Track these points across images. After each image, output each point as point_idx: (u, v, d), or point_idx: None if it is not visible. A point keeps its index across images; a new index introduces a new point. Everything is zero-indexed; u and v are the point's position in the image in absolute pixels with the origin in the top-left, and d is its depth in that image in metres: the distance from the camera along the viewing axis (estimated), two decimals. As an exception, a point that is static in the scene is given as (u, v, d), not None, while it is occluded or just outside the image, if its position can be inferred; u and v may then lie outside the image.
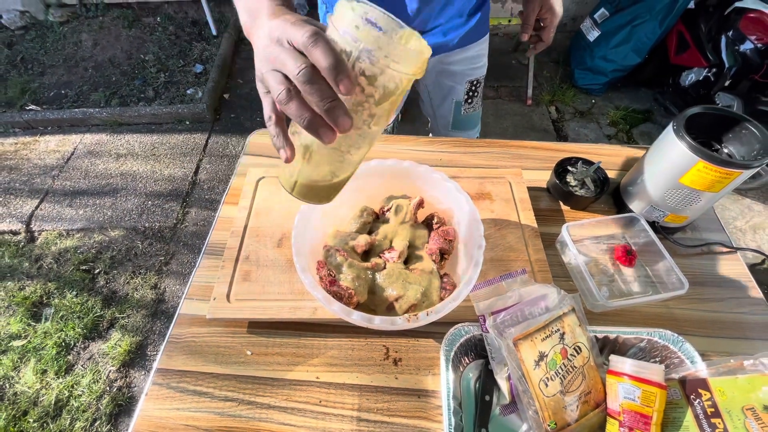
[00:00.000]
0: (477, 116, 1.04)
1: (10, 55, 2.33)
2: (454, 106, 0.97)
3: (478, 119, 1.05)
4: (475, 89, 0.96)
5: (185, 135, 2.02)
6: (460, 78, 0.92)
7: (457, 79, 0.92)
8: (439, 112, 1.01)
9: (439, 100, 0.98)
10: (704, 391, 0.44)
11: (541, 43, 0.77)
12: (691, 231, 0.69)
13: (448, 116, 1.00)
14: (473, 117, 1.02)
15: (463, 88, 0.94)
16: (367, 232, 0.58)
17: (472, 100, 0.97)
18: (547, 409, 0.45)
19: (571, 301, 0.49)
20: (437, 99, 0.98)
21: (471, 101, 0.97)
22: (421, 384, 0.53)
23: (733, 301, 0.60)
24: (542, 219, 0.67)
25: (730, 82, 1.67)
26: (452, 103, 0.97)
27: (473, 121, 1.03)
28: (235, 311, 0.55)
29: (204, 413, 0.50)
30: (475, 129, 1.07)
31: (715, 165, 0.53)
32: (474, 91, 0.96)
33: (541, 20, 0.75)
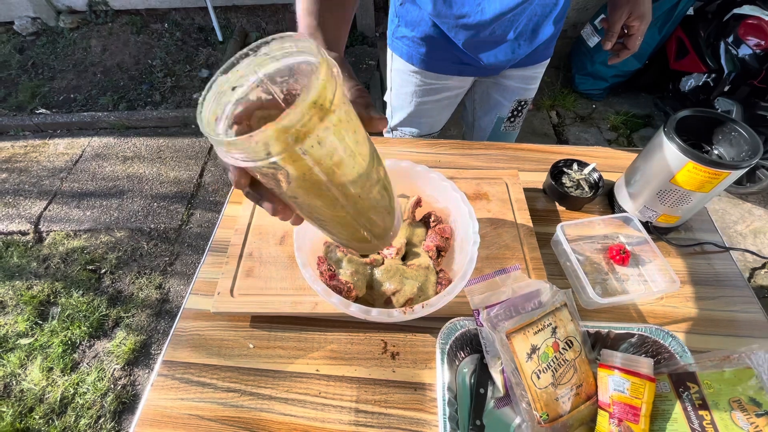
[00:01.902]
0: (514, 135, 1.02)
1: (21, 60, 2.39)
2: (496, 121, 0.96)
3: (514, 138, 1.03)
4: (522, 109, 0.95)
5: (191, 138, 2.05)
6: (510, 95, 0.91)
7: (507, 96, 0.91)
8: (479, 123, 1.00)
9: (483, 112, 0.97)
10: (692, 384, 0.45)
11: (625, 51, 0.70)
12: (685, 231, 0.70)
13: (487, 129, 0.98)
14: (511, 135, 1.01)
15: (510, 105, 0.92)
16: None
17: (516, 119, 0.96)
18: (540, 400, 0.46)
19: (564, 296, 0.51)
20: (481, 111, 0.97)
21: (514, 120, 0.96)
22: (418, 377, 0.54)
23: (725, 299, 0.62)
24: (538, 219, 0.69)
25: (730, 87, 1.68)
26: (495, 117, 0.96)
27: (510, 139, 1.02)
28: (238, 305, 0.57)
29: (207, 403, 0.52)
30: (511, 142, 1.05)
31: (704, 165, 0.55)
32: (520, 111, 0.95)
33: (627, 27, 0.68)
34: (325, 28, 0.43)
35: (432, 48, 0.79)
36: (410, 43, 0.81)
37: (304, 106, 0.23)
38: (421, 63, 0.82)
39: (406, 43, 0.81)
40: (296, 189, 0.28)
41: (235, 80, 0.28)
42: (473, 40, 0.73)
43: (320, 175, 0.27)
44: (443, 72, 0.84)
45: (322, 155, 0.26)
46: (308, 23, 0.43)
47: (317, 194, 0.29)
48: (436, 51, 0.79)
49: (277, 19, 2.57)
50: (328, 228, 0.35)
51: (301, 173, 0.26)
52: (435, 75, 0.84)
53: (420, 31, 0.78)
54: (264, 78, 0.29)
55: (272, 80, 0.29)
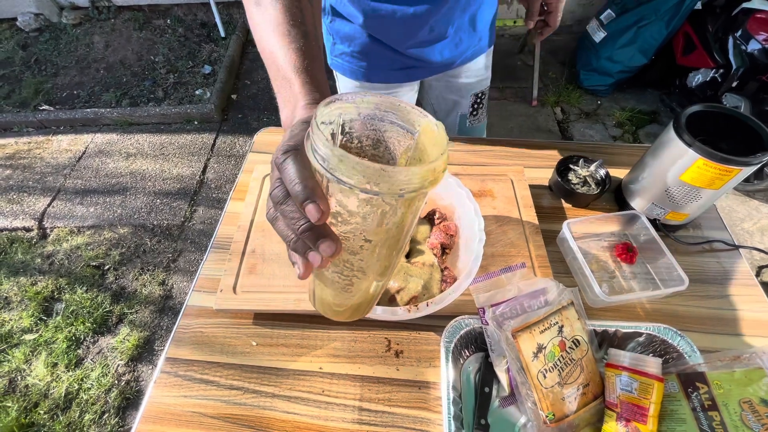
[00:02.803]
0: (482, 127, 1.02)
1: (24, 56, 2.39)
2: (459, 119, 0.96)
3: (484, 129, 1.04)
4: (481, 101, 0.94)
5: (193, 135, 2.05)
6: (466, 92, 0.90)
7: (463, 93, 0.91)
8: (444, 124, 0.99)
9: (444, 114, 0.97)
10: (701, 385, 0.44)
11: (547, 28, 0.75)
12: (693, 229, 0.69)
13: (453, 129, 0.98)
14: (478, 129, 1.01)
15: (469, 101, 0.92)
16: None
17: (478, 112, 0.96)
18: (546, 400, 0.45)
19: (570, 295, 0.50)
20: (442, 113, 0.97)
21: (476, 113, 0.96)
22: (422, 376, 0.54)
23: (734, 298, 0.61)
24: (544, 216, 0.68)
25: (738, 83, 1.66)
26: (457, 116, 0.95)
27: (478, 132, 1.02)
28: (241, 303, 0.57)
29: (210, 401, 0.52)
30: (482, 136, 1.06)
31: (714, 162, 0.54)
32: (479, 104, 0.94)
33: (546, 5, 0.73)
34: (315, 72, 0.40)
35: (373, 59, 0.77)
36: (349, 58, 0.78)
37: (445, 159, 0.26)
38: (365, 76, 0.80)
39: (346, 59, 0.78)
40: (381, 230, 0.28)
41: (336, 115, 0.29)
42: (414, 42, 0.72)
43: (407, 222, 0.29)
44: (390, 81, 0.82)
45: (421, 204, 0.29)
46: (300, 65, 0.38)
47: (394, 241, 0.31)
48: (377, 61, 0.77)
49: (279, 15, 2.55)
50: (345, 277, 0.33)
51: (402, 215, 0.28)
52: (383, 86, 0.82)
53: (357, 45, 0.75)
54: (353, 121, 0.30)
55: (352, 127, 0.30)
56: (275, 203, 0.28)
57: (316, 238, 0.27)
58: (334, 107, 0.28)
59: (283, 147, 0.28)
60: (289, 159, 0.27)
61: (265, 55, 0.41)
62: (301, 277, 0.29)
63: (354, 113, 0.29)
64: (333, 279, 0.33)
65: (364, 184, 0.24)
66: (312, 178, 0.26)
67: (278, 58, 0.39)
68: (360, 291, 0.35)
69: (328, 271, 0.32)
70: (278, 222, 0.29)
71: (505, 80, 2.29)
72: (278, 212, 0.28)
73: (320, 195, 0.26)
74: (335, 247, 0.27)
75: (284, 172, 0.27)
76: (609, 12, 1.98)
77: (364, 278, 0.33)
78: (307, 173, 0.26)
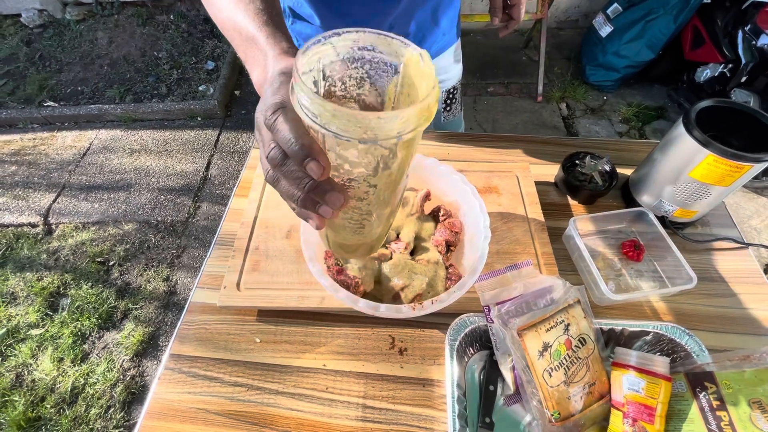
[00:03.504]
0: (459, 120, 1.00)
1: (28, 52, 2.39)
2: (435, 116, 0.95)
3: (461, 121, 1.02)
4: (453, 96, 0.92)
5: (197, 131, 2.05)
6: None
7: None
8: None
9: None
10: (710, 384, 0.44)
11: (512, 21, 0.73)
12: (702, 226, 0.68)
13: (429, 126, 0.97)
14: (455, 122, 0.99)
15: (441, 98, 0.91)
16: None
17: (451, 107, 0.94)
18: (551, 399, 0.45)
19: (577, 293, 0.50)
20: None
21: (450, 108, 0.94)
22: (426, 373, 0.53)
23: (743, 297, 0.60)
24: (550, 213, 0.67)
25: (747, 78, 1.63)
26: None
27: (455, 126, 1.00)
28: (244, 299, 0.57)
29: (214, 397, 0.52)
30: (459, 131, 1.04)
31: (725, 158, 0.53)
32: (452, 99, 0.92)
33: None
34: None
35: None
36: None
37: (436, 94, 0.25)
38: None
39: None
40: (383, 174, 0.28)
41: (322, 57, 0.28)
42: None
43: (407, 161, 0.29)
44: None
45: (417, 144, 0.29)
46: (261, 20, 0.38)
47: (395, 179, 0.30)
48: None
49: (282, 10, 2.54)
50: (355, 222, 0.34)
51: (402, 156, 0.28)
52: None
53: None
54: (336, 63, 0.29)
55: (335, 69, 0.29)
56: (274, 166, 0.28)
57: (323, 193, 0.27)
58: (311, 53, 0.27)
59: (270, 105, 0.27)
60: (280, 117, 0.26)
61: (225, 25, 0.41)
62: (317, 229, 0.30)
63: (332, 55, 0.28)
64: (344, 225, 0.33)
65: (361, 135, 0.24)
66: (307, 135, 0.26)
67: (238, 22, 0.38)
68: (370, 231, 0.35)
69: (339, 218, 0.32)
70: (280, 183, 0.28)
71: (509, 76, 2.27)
72: (279, 174, 0.28)
73: (318, 151, 0.25)
74: (342, 198, 0.27)
75: (277, 133, 0.26)
76: (616, 6, 1.95)
77: (372, 221, 0.34)
78: (301, 130, 0.26)
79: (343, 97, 0.31)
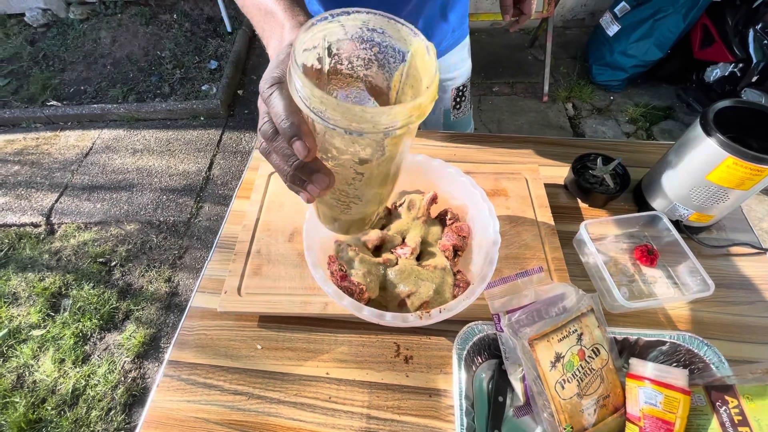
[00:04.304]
0: (468, 119, 0.99)
1: (32, 51, 2.39)
2: (443, 114, 0.93)
3: (470, 120, 1.01)
4: (463, 94, 0.91)
5: (200, 131, 2.04)
6: (446, 87, 0.88)
7: (443, 88, 0.88)
8: (428, 120, 0.96)
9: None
10: (731, 398, 0.42)
11: (523, 16, 0.73)
12: (717, 231, 0.66)
13: (438, 124, 0.96)
14: (464, 121, 0.98)
15: (450, 96, 0.89)
16: (379, 228, 0.57)
17: (461, 105, 0.93)
18: (564, 412, 0.43)
19: (590, 301, 0.48)
20: None
21: (459, 107, 0.93)
22: (433, 383, 0.52)
23: (762, 304, 0.58)
24: (559, 216, 0.65)
25: (758, 77, 1.60)
26: (441, 111, 0.93)
27: (464, 124, 0.99)
28: (246, 305, 0.55)
29: (214, 406, 0.50)
30: (468, 129, 1.03)
31: (746, 161, 0.50)
32: (461, 97, 0.92)
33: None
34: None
35: None
36: None
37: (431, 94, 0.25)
38: None
39: None
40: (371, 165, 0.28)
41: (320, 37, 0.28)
42: None
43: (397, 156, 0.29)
44: None
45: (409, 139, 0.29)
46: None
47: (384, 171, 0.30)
48: None
49: (286, 9, 2.53)
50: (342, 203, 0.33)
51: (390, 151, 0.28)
52: None
53: None
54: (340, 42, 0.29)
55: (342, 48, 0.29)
56: (266, 139, 0.28)
57: (310, 173, 0.28)
58: (316, 30, 0.27)
59: (269, 78, 0.28)
60: (276, 92, 0.27)
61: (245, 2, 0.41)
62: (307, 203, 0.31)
63: (340, 33, 0.28)
64: (332, 204, 0.34)
65: (347, 125, 0.24)
66: (297, 114, 0.26)
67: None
68: (358, 213, 0.36)
69: (327, 197, 0.33)
70: (272, 156, 0.29)
71: (515, 75, 2.25)
72: (270, 148, 0.29)
73: (306, 132, 0.26)
74: (328, 180, 0.28)
75: (271, 107, 0.27)
76: (623, 4, 1.92)
77: (360, 204, 0.34)
78: (293, 108, 0.26)
79: (350, 76, 0.31)
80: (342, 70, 0.30)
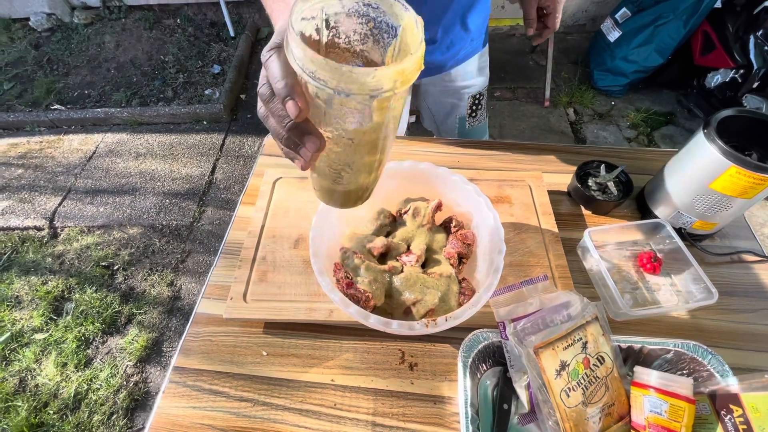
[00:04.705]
0: (483, 127, 1.00)
1: (36, 56, 2.41)
2: (459, 121, 0.94)
3: (485, 129, 1.02)
4: (479, 102, 0.92)
5: (203, 135, 2.05)
6: (462, 95, 0.89)
7: (459, 96, 0.89)
8: (443, 127, 0.98)
9: (443, 117, 0.95)
10: (736, 407, 0.42)
11: (546, 30, 0.74)
12: (720, 238, 0.66)
13: (453, 132, 0.97)
14: (479, 129, 0.99)
15: (466, 103, 0.90)
16: (384, 235, 0.57)
17: (477, 113, 0.94)
18: (569, 420, 0.43)
19: (595, 309, 0.48)
20: (440, 116, 0.95)
21: (475, 114, 0.94)
22: (437, 390, 0.52)
23: (766, 312, 0.58)
24: (563, 224, 0.66)
25: (759, 83, 1.61)
26: (456, 119, 0.94)
27: (479, 133, 1.00)
28: (251, 311, 0.55)
29: (220, 413, 0.51)
30: (483, 138, 1.04)
31: (748, 170, 0.51)
32: (478, 105, 0.92)
33: (544, 8, 0.72)
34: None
35: None
36: None
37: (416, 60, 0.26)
38: None
39: None
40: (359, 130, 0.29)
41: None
42: None
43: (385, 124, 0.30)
44: None
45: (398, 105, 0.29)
46: None
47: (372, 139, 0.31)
48: None
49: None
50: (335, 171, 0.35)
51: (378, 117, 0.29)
52: None
53: None
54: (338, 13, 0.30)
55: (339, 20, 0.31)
56: (263, 101, 0.30)
57: (302, 135, 0.29)
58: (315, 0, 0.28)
59: (269, 45, 0.29)
60: (273, 56, 0.28)
61: None
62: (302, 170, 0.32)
63: (338, 6, 0.29)
64: (324, 172, 0.35)
65: (335, 85, 0.25)
66: (292, 75, 0.27)
67: None
68: (350, 182, 0.37)
69: (320, 164, 0.34)
70: (269, 120, 0.31)
71: (516, 80, 2.26)
72: (267, 111, 0.30)
73: (298, 92, 0.27)
74: (318, 143, 0.29)
75: (269, 70, 0.29)
76: (624, 10, 1.93)
77: (351, 173, 0.35)
78: (289, 70, 0.28)
79: (347, 50, 0.32)
80: (339, 44, 0.31)
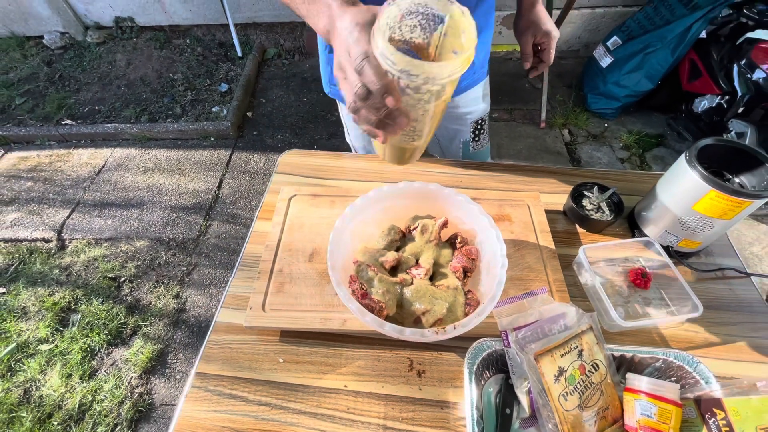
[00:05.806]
0: (486, 151, 1.05)
1: (49, 72, 2.48)
2: (463, 145, 0.99)
3: (488, 153, 1.06)
4: (482, 127, 0.97)
5: (210, 151, 2.11)
6: (465, 121, 0.94)
7: (462, 122, 0.94)
8: (447, 151, 1.03)
9: (447, 142, 1.00)
10: (719, 411, 0.46)
11: (542, 64, 0.79)
12: (705, 256, 0.71)
13: (457, 155, 1.01)
14: (482, 153, 1.03)
15: (469, 128, 0.95)
16: (394, 250, 0.62)
17: (480, 137, 0.98)
18: (566, 423, 0.47)
19: (589, 319, 0.52)
20: (444, 140, 1.00)
21: (478, 139, 0.98)
22: (444, 396, 0.55)
23: (748, 325, 0.62)
24: (559, 241, 0.70)
25: (743, 109, 1.69)
26: (460, 143, 0.98)
27: (482, 156, 1.04)
28: (270, 320, 0.59)
29: (240, 416, 0.54)
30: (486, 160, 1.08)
31: (726, 194, 0.56)
32: (480, 130, 0.97)
33: (539, 44, 0.77)
34: None
35: None
36: None
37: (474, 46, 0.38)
38: None
39: None
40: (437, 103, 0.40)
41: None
42: None
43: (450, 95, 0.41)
44: None
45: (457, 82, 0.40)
46: None
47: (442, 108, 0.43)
48: None
49: (294, 36, 2.65)
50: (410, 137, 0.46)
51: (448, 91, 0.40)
52: None
53: None
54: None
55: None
56: (361, 99, 0.38)
57: (395, 117, 0.40)
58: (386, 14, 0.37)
59: (358, 54, 0.37)
60: (366, 64, 0.37)
61: None
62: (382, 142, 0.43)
63: (396, 11, 0.37)
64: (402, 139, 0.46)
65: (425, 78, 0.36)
66: (386, 77, 0.37)
67: None
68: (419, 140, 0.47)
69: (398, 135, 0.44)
70: (361, 112, 0.40)
71: (514, 102, 2.34)
72: (362, 105, 0.39)
73: (393, 88, 0.37)
74: (407, 121, 0.40)
75: (364, 76, 0.37)
76: (615, 38, 2.04)
77: (419, 138, 0.47)
78: (381, 72, 0.37)
79: (399, 40, 0.39)
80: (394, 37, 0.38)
